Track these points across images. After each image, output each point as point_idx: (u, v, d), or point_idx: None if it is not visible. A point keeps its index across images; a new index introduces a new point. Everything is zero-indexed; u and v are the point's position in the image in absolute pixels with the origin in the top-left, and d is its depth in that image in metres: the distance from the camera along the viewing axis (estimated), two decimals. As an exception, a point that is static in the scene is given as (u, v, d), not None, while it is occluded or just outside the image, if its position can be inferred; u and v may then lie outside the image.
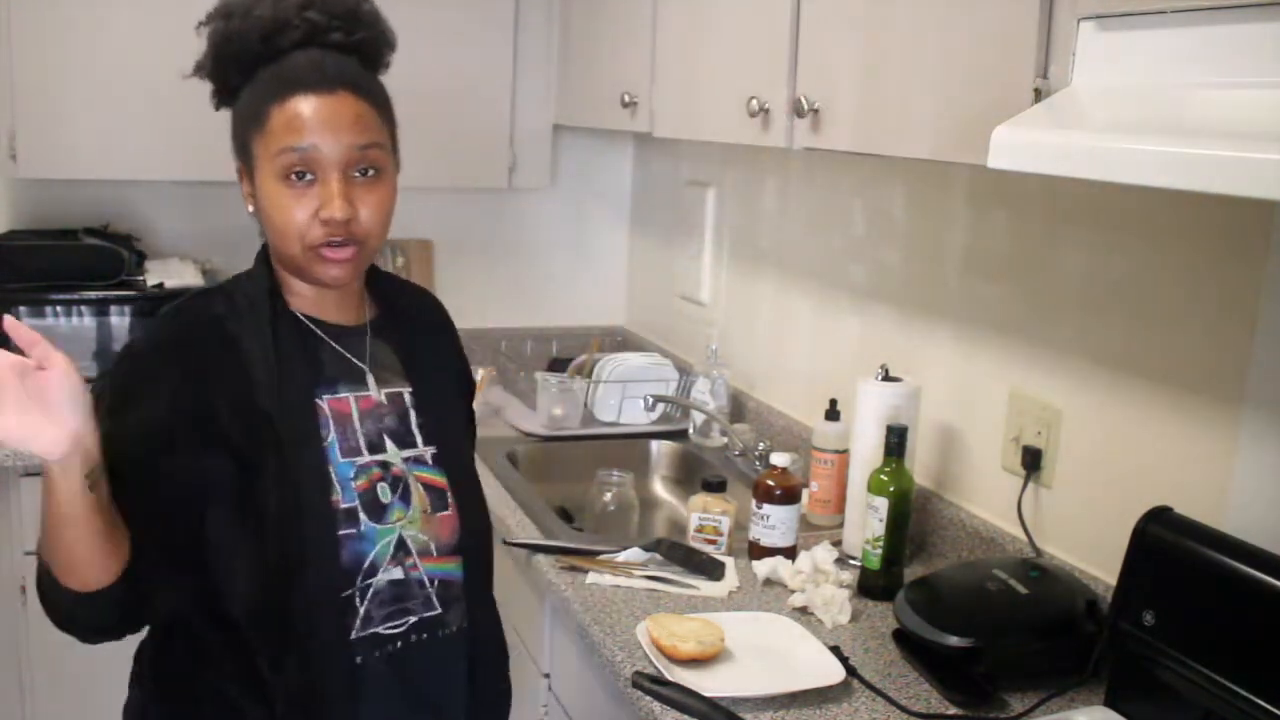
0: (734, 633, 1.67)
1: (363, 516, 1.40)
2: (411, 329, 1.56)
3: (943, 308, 2.09)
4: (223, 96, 1.44)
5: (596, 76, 2.73)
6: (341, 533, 1.38)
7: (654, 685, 1.46)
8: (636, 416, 2.74)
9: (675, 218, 3.12)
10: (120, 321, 2.72)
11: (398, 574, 1.42)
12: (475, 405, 2.77)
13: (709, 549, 2.00)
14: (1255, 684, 1.30)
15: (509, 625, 2.23)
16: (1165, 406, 1.63)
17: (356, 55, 1.42)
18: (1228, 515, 1.52)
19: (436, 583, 1.46)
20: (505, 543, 2.07)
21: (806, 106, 1.80)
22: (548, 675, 2.06)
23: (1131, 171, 1.11)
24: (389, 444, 1.45)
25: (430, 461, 1.49)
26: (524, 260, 3.37)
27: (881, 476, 1.87)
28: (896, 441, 1.87)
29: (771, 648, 1.68)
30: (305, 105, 1.33)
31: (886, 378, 2.00)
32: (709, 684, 1.53)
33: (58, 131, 2.66)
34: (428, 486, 1.47)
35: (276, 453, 1.35)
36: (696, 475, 2.45)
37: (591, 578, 1.90)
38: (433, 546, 1.45)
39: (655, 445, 2.70)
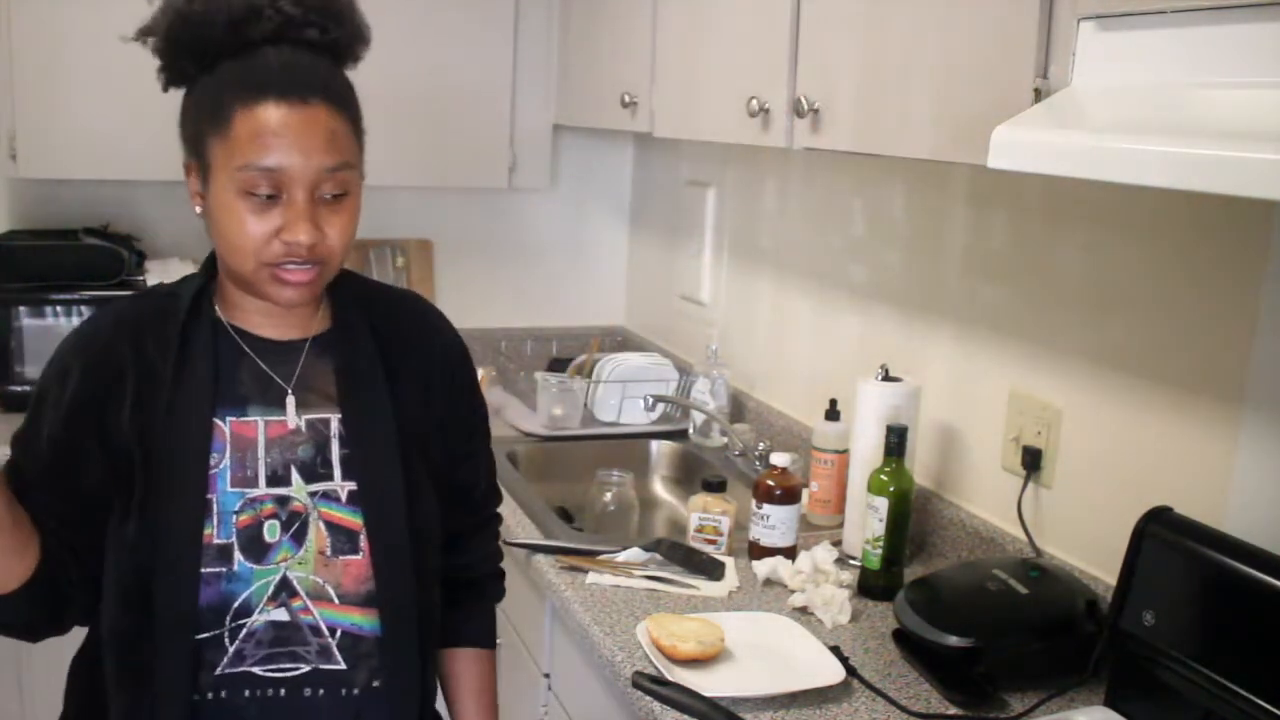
0: (734, 633, 1.67)
1: (237, 555, 1.27)
2: (369, 347, 1.38)
3: (943, 308, 2.09)
4: (172, 79, 1.30)
5: (596, 76, 2.73)
6: (207, 570, 1.26)
7: (654, 685, 1.46)
8: (636, 416, 2.74)
9: (675, 218, 3.12)
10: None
11: (281, 615, 1.29)
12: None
13: (709, 549, 2.00)
14: (1255, 684, 1.30)
15: (509, 626, 2.24)
16: (1165, 406, 1.63)
17: (330, 54, 1.29)
18: (1228, 515, 1.52)
19: (340, 634, 1.31)
20: (505, 543, 2.07)
21: (806, 106, 1.80)
22: (548, 675, 2.06)
23: (1131, 171, 1.10)
24: (295, 476, 1.32)
25: (345, 499, 1.33)
26: (524, 260, 3.37)
27: (881, 476, 1.87)
28: (896, 441, 1.87)
29: (771, 648, 1.68)
30: (275, 115, 1.20)
31: (886, 378, 2.00)
32: (709, 684, 1.53)
33: (58, 131, 2.66)
34: (334, 526, 1.32)
35: (146, 474, 1.26)
36: (696, 475, 2.45)
37: (591, 578, 1.90)
38: (331, 592, 1.31)
39: (655, 445, 2.70)
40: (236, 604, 1.28)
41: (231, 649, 1.28)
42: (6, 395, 2.66)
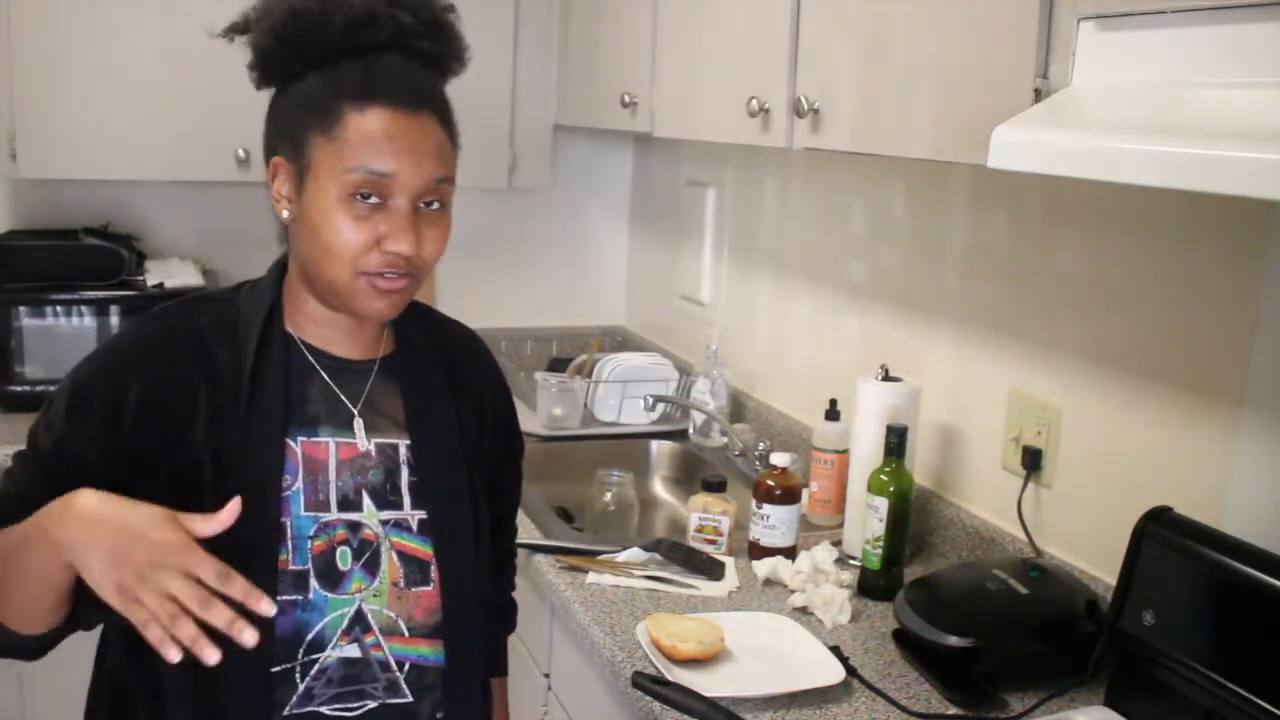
0: (734, 633, 1.67)
1: (313, 583, 1.23)
2: (434, 372, 1.37)
3: (943, 308, 2.09)
4: (270, 76, 1.26)
5: (596, 76, 2.73)
6: (283, 598, 1.21)
7: (654, 685, 1.46)
8: (636, 416, 2.74)
9: (675, 218, 3.12)
10: (120, 322, 2.72)
11: (353, 652, 1.25)
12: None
13: (709, 549, 2.00)
14: (1255, 684, 1.30)
15: (509, 625, 2.24)
16: (1165, 406, 1.63)
17: (437, 71, 1.29)
18: (1228, 515, 1.52)
19: (408, 667, 1.28)
20: (505, 543, 2.07)
21: (806, 106, 1.80)
22: (548, 675, 2.06)
23: (1131, 171, 1.11)
24: (367, 502, 1.28)
25: (416, 528, 1.30)
26: (524, 260, 3.37)
27: (881, 476, 1.87)
28: (896, 441, 1.87)
29: (771, 648, 1.68)
30: (389, 121, 1.19)
31: (886, 378, 2.00)
32: (709, 684, 1.53)
33: (58, 131, 2.66)
34: (406, 556, 1.29)
35: (218, 493, 1.18)
36: (696, 475, 2.45)
37: (591, 578, 1.90)
38: (403, 625, 1.28)
39: (655, 445, 2.70)
40: (310, 636, 1.23)
41: (301, 687, 1.23)
42: (6, 395, 2.66)
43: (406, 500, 1.31)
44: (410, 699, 1.28)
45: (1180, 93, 1.17)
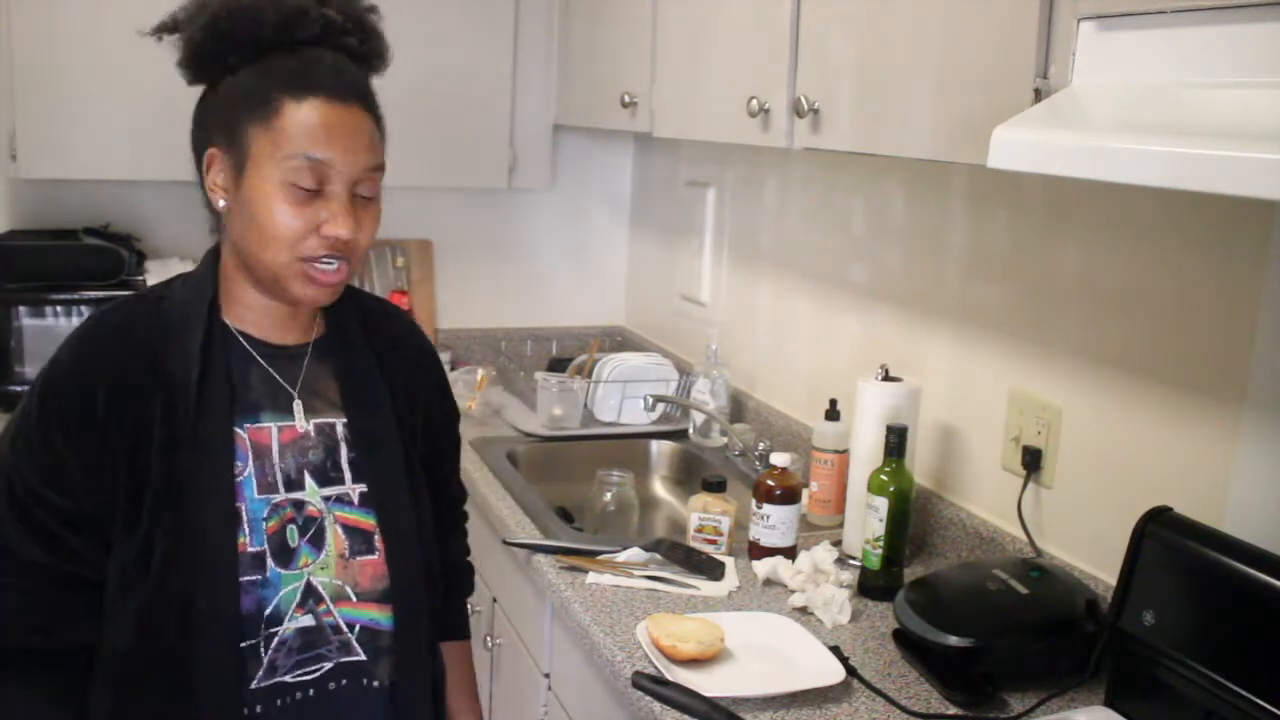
0: (734, 633, 1.67)
1: (270, 562, 1.29)
2: (365, 351, 1.42)
3: (943, 308, 2.09)
4: (202, 71, 1.30)
5: (596, 76, 2.73)
6: (244, 579, 1.27)
7: (654, 685, 1.46)
8: (636, 416, 2.74)
9: (675, 218, 3.12)
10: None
11: (307, 621, 1.31)
12: (475, 405, 2.80)
13: (709, 549, 2.00)
14: (1255, 684, 1.30)
15: (509, 626, 2.24)
16: (1165, 406, 1.63)
17: (363, 64, 1.34)
18: (1228, 515, 1.52)
19: (358, 628, 1.34)
20: (505, 542, 2.07)
21: (806, 106, 1.80)
22: (548, 675, 2.06)
23: (1131, 171, 1.11)
24: (308, 480, 1.34)
25: (356, 501, 1.36)
26: (524, 260, 3.37)
27: (881, 476, 1.87)
28: (896, 441, 1.87)
29: (771, 648, 1.68)
30: (325, 112, 1.24)
31: (886, 378, 2.00)
32: (709, 684, 1.53)
33: (58, 131, 2.66)
34: (350, 529, 1.35)
35: (180, 489, 1.25)
36: (696, 475, 2.45)
37: (591, 578, 1.89)
38: (350, 591, 1.34)
39: (655, 445, 2.70)
40: (269, 611, 1.29)
41: (265, 660, 1.29)
42: (6, 395, 2.66)
43: (347, 475, 1.37)
44: (364, 657, 1.35)
45: (1180, 93, 1.17)
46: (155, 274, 2.79)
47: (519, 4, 2.96)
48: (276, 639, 1.29)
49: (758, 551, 1.98)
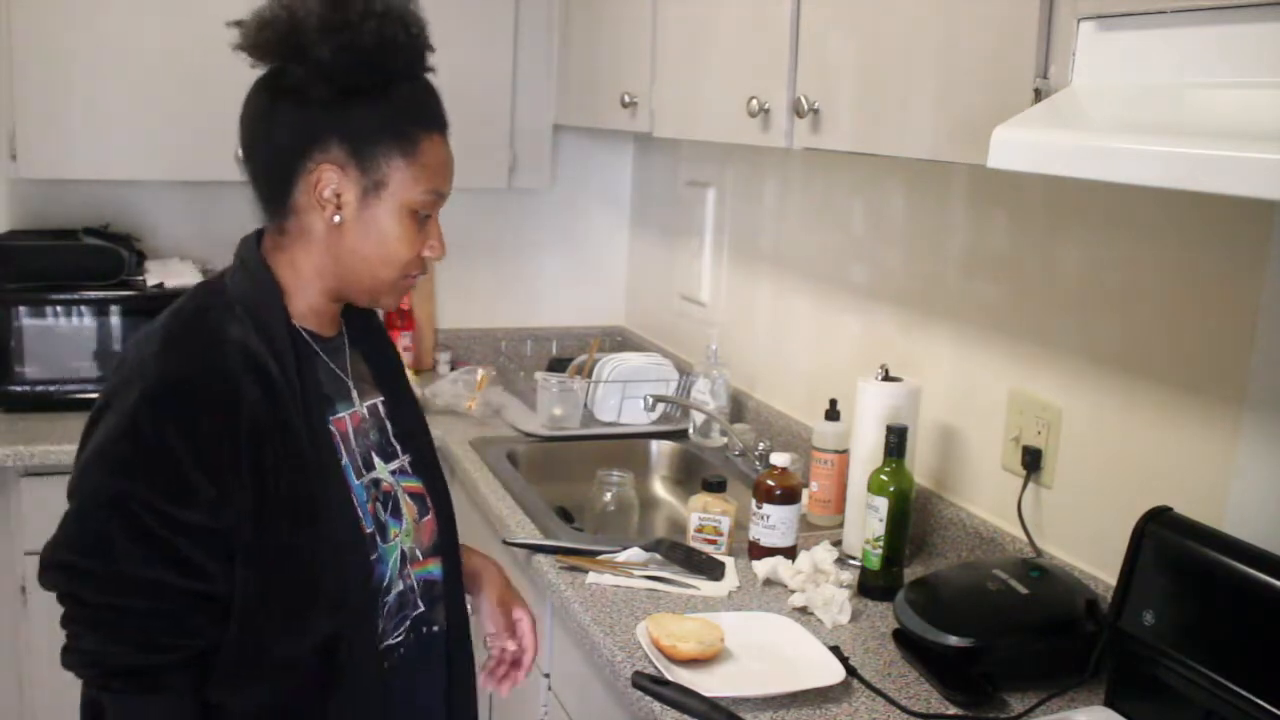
0: (734, 633, 1.67)
1: (378, 539, 1.40)
2: (369, 336, 1.52)
3: (943, 308, 2.09)
4: (343, 89, 1.30)
5: (596, 76, 2.73)
6: (371, 559, 1.38)
7: (654, 685, 1.46)
8: (636, 416, 2.74)
9: (675, 218, 3.12)
10: (120, 322, 2.72)
11: (400, 585, 1.43)
12: (475, 405, 2.80)
13: (709, 549, 2.00)
14: (1255, 684, 1.30)
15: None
16: (1165, 406, 1.63)
17: None
18: (1228, 515, 1.52)
19: (421, 584, 1.47)
20: (505, 542, 2.07)
21: (806, 106, 1.80)
22: (548, 675, 2.06)
23: (1131, 171, 1.11)
24: (375, 460, 1.43)
25: (410, 470, 1.48)
26: (524, 260, 3.37)
27: (881, 476, 1.87)
28: (896, 441, 1.87)
29: (771, 648, 1.68)
30: (443, 148, 1.39)
31: (886, 378, 2.00)
32: (709, 684, 1.53)
33: (58, 131, 2.66)
34: (412, 495, 1.47)
35: (308, 489, 1.30)
36: (696, 475, 2.45)
37: (591, 578, 1.90)
38: (418, 552, 1.47)
39: (655, 445, 2.70)
40: (385, 583, 1.40)
41: (380, 628, 1.40)
42: (6, 395, 2.66)
43: (397, 448, 1.48)
44: (424, 609, 1.47)
45: (1180, 93, 1.17)
46: (155, 274, 2.79)
47: (519, 4, 2.96)
48: (386, 608, 1.41)
49: (758, 551, 1.98)
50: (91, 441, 1.27)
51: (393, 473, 1.45)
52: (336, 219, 1.33)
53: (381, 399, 1.49)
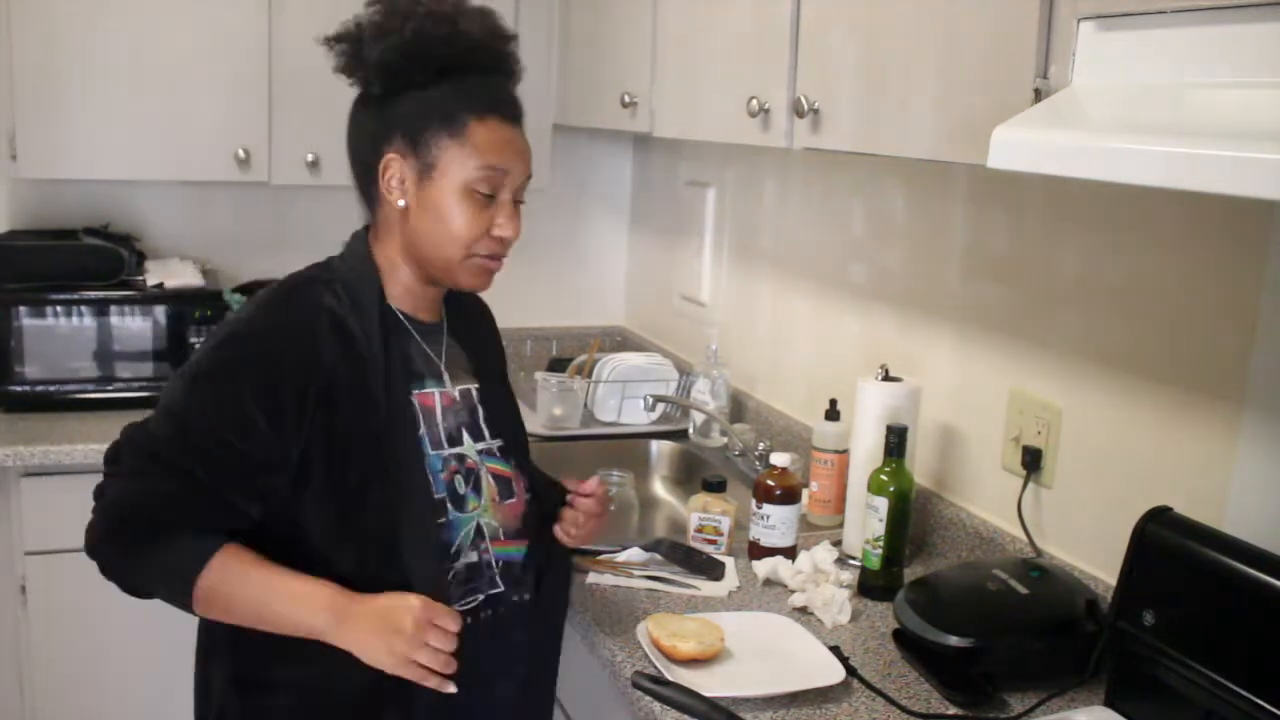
0: (734, 633, 1.67)
1: (449, 506, 1.50)
2: (474, 330, 1.67)
3: (943, 308, 2.09)
4: (389, 83, 1.47)
5: (596, 76, 2.73)
6: (437, 521, 1.48)
7: (654, 685, 1.46)
8: (636, 416, 2.74)
9: (675, 218, 3.12)
10: (120, 321, 2.72)
11: (473, 557, 1.52)
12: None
13: (709, 549, 2.00)
14: (1255, 684, 1.30)
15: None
16: (1165, 406, 1.63)
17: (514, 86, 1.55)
18: (1228, 515, 1.52)
19: (501, 564, 1.56)
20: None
21: (806, 106, 1.80)
22: (548, 675, 2.06)
23: (1132, 171, 1.11)
24: (465, 437, 1.56)
25: (498, 453, 1.60)
26: (524, 260, 3.35)
27: (881, 476, 1.87)
28: (896, 441, 1.87)
29: (771, 648, 1.68)
30: (504, 131, 1.47)
31: (886, 378, 2.00)
32: (709, 684, 1.53)
33: (58, 131, 2.66)
34: (496, 477, 1.58)
35: (379, 447, 1.44)
36: (696, 475, 2.45)
37: (591, 578, 1.90)
38: (501, 532, 1.56)
39: (655, 445, 2.70)
40: (452, 550, 1.50)
41: (443, 592, 1.47)
42: (6, 395, 2.66)
43: (486, 432, 1.60)
44: (503, 589, 1.56)
45: (1180, 93, 1.17)
46: (155, 274, 2.79)
47: (519, 4, 2.96)
48: (451, 573, 1.49)
49: (758, 551, 1.98)
50: (188, 359, 1.49)
51: (480, 452, 1.56)
52: (401, 203, 1.48)
53: (476, 386, 1.60)
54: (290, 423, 1.40)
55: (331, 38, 1.50)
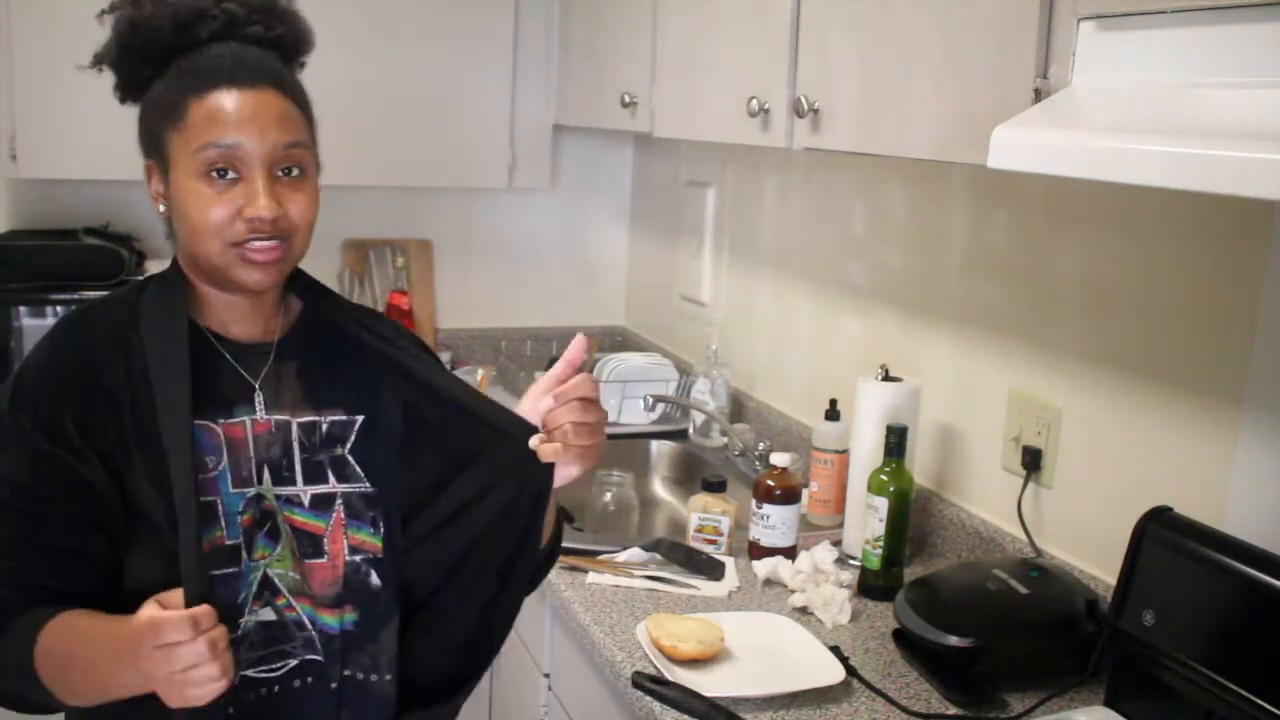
0: (734, 633, 1.67)
1: (244, 555, 1.29)
2: (333, 353, 1.39)
3: (943, 308, 2.09)
4: (129, 90, 1.36)
5: (596, 76, 2.73)
6: (218, 572, 1.27)
7: (654, 685, 1.46)
8: (636, 416, 2.74)
9: (675, 218, 3.12)
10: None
11: (268, 615, 1.30)
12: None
13: (709, 549, 2.00)
14: (1255, 684, 1.30)
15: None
16: (1165, 406, 1.63)
17: (276, 51, 1.33)
18: (1228, 515, 1.52)
19: (318, 628, 1.33)
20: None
21: (806, 106, 1.80)
22: (548, 675, 2.06)
23: (1131, 171, 1.11)
24: (266, 476, 1.33)
25: (307, 504, 1.34)
26: (524, 260, 3.37)
27: (881, 476, 1.87)
28: (896, 441, 1.87)
29: (771, 648, 1.68)
30: (227, 100, 1.25)
31: (886, 378, 2.00)
32: (709, 684, 1.53)
33: (58, 131, 2.66)
34: (298, 530, 1.33)
35: (154, 482, 1.25)
36: (696, 475, 2.45)
37: (591, 578, 1.90)
38: (307, 591, 1.32)
39: (655, 445, 2.70)
40: (238, 599, 1.28)
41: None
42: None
43: (299, 476, 1.34)
44: (324, 660, 1.33)
45: (1180, 93, 1.17)
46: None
47: (519, 4, 2.96)
48: (241, 628, 1.28)
49: (758, 551, 1.98)
50: None
51: (279, 498, 1.32)
52: (162, 208, 1.34)
53: (298, 420, 1.35)
54: (78, 451, 1.24)
55: (93, 62, 1.39)
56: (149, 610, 1.16)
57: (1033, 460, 1.84)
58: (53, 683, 1.23)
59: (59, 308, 2.68)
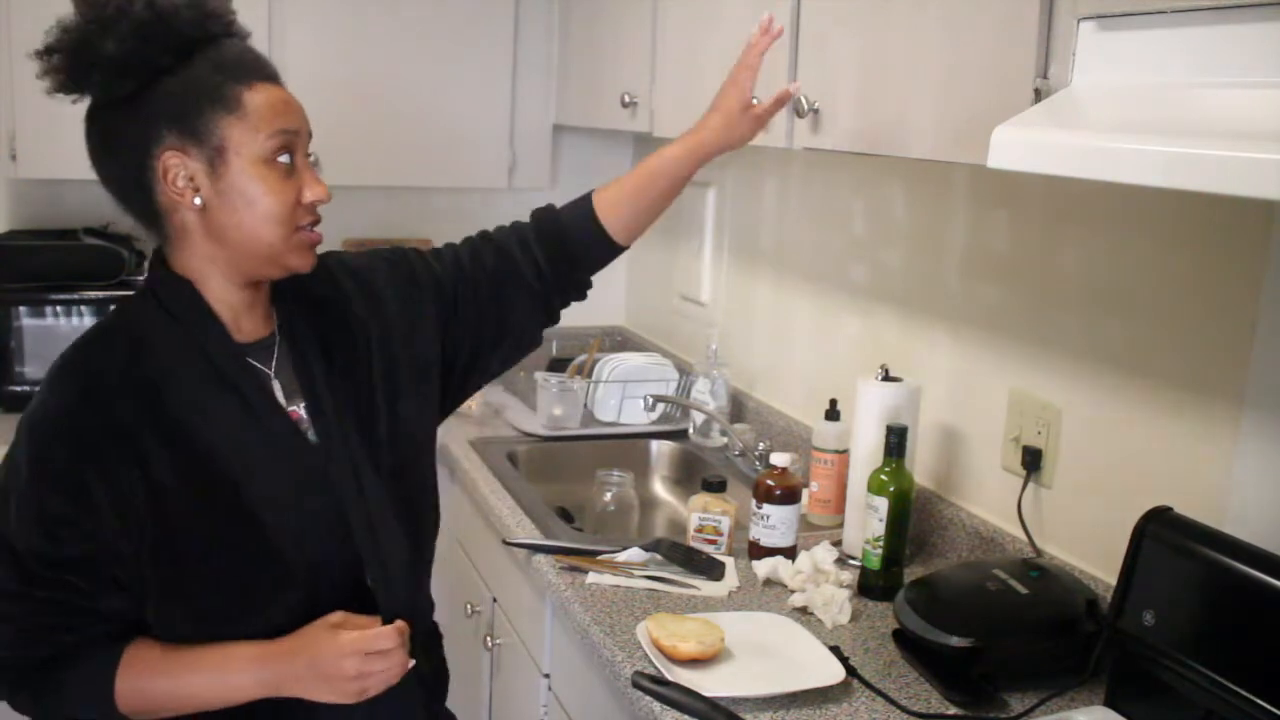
0: (734, 633, 1.67)
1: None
2: (316, 328, 1.44)
3: (943, 308, 2.09)
4: (123, 79, 1.30)
5: (596, 76, 2.73)
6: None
7: (654, 685, 1.46)
8: (636, 416, 2.74)
9: (675, 218, 3.12)
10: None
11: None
12: (475, 405, 2.80)
13: (709, 549, 2.00)
14: (1255, 684, 1.30)
15: (509, 626, 2.24)
16: (1165, 406, 1.63)
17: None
18: (1228, 515, 1.52)
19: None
20: (505, 543, 2.07)
21: (806, 106, 1.80)
22: (548, 675, 2.06)
23: (1131, 171, 1.11)
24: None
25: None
26: (524, 260, 3.36)
27: (881, 476, 1.87)
28: (896, 441, 1.87)
29: (771, 648, 1.68)
30: (273, 92, 1.31)
31: (886, 378, 2.00)
32: (709, 684, 1.53)
33: (58, 131, 2.64)
34: None
35: (223, 499, 1.30)
36: (696, 475, 2.45)
37: (591, 578, 1.89)
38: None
39: (655, 445, 2.70)
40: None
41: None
42: (6, 395, 2.66)
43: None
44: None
45: (1180, 93, 1.17)
46: (155, 274, 2.79)
47: (519, 4, 2.96)
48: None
49: (758, 551, 1.98)
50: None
51: None
52: (197, 201, 1.30)
53: (303, 404, 1.40)
54: (109, 505, 1.26)
55: (42, 50, 1.34)
56: (342, 621, 1.32)
57: (1033, 460, 1.84)
58: (133, 710, 1.32)
59: (59, 308, 2.68)
